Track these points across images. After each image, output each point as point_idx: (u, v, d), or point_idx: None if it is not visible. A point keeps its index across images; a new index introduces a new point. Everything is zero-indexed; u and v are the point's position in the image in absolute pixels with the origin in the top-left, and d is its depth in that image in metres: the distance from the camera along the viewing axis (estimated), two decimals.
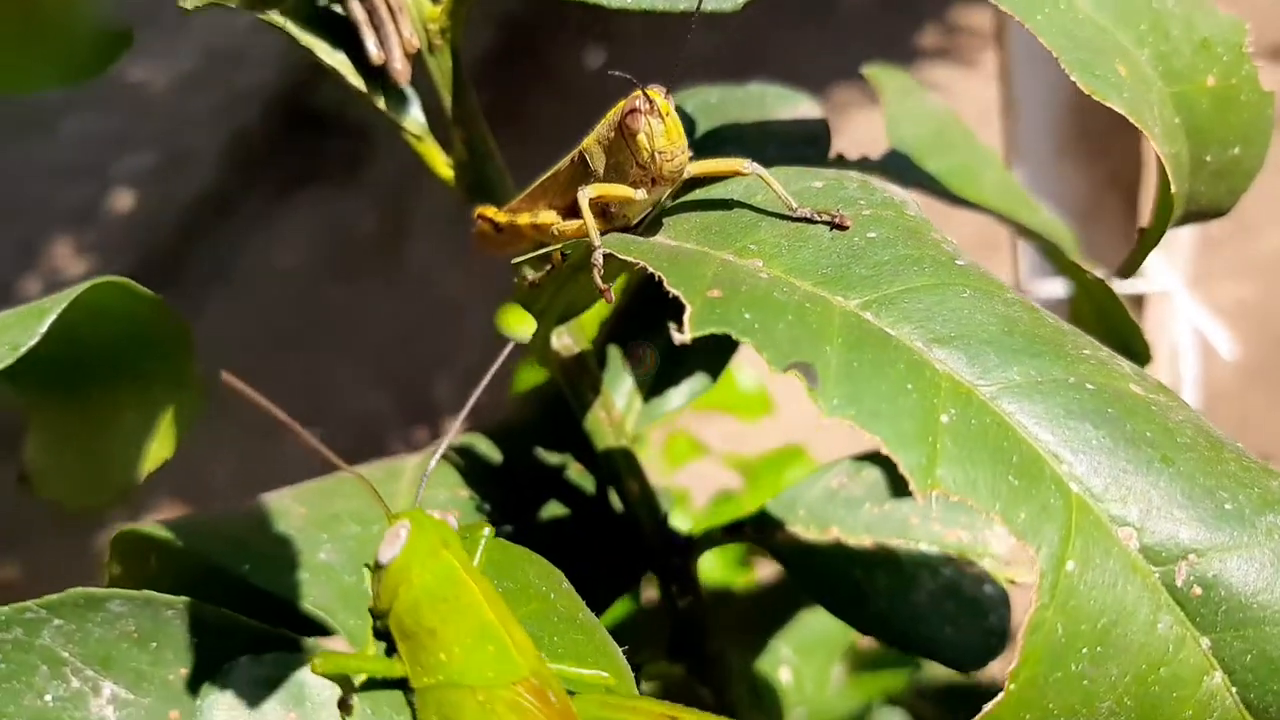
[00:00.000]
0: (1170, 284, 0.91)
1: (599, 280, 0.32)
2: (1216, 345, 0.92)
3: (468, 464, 0.54)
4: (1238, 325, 0.94)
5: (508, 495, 0.53)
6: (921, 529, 0.47)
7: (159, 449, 0.55)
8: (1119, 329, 0.47)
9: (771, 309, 0.30)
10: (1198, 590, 0.28)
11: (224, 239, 2.45)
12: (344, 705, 0.31)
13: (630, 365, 0.56)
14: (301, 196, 2.55)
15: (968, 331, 0.31)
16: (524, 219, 0.40)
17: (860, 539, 0.47)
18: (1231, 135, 0.39)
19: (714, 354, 0.53)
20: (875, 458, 0.49)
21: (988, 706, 0.27)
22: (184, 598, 0.42)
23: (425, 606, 0.30)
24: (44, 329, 0.42)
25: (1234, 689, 0.28)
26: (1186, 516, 0.28)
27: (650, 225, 0.37)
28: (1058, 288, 0.94)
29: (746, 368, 1.14)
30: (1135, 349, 0.47)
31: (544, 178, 0.40)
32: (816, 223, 0.34)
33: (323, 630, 0.43)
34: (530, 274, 0.41)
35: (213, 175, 2.57)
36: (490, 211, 0.42)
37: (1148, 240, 0.38)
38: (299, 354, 2.24)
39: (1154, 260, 0.83)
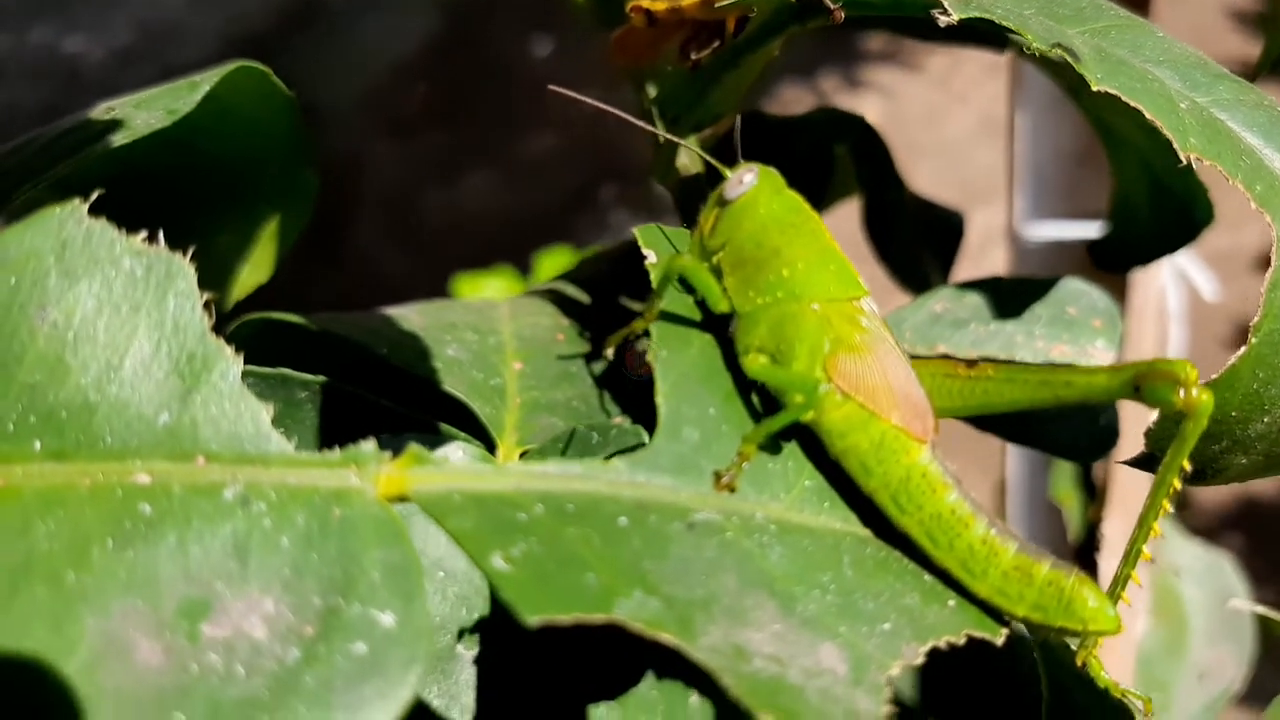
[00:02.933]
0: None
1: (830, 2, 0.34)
2: (1199, 286, 0.97)
3: (564, 301, 0.55)
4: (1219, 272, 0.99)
5: (600, 329, 0.54)
6: (1026, 346, 0.49)
7: (253, 273, 0.54)
8: None
9: (1015, 16, 0.32)
10: None
11: None
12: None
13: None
14: None
15: (1173, 59, 0.33)
16: None
17: (967, 354, 0.49)
18: None
19: (816, 192, 0.55)
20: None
21: (1232, 359, 0.29)
22: (320, 376, 0.42)
23: (773, 229, 0.32)
24: (198, 98, 0.42)
25: None
26: None
27: None
28: (1051, 230, 0.98)
29: None
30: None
31: None
32: None
33: (453, 418, 0.43)
34: (694, 55, 0.42)
35: None
36: (647, 1, 0.43)
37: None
38: None
39: None
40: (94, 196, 0.27)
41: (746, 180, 0.33)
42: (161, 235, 0.26)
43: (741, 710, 0.22)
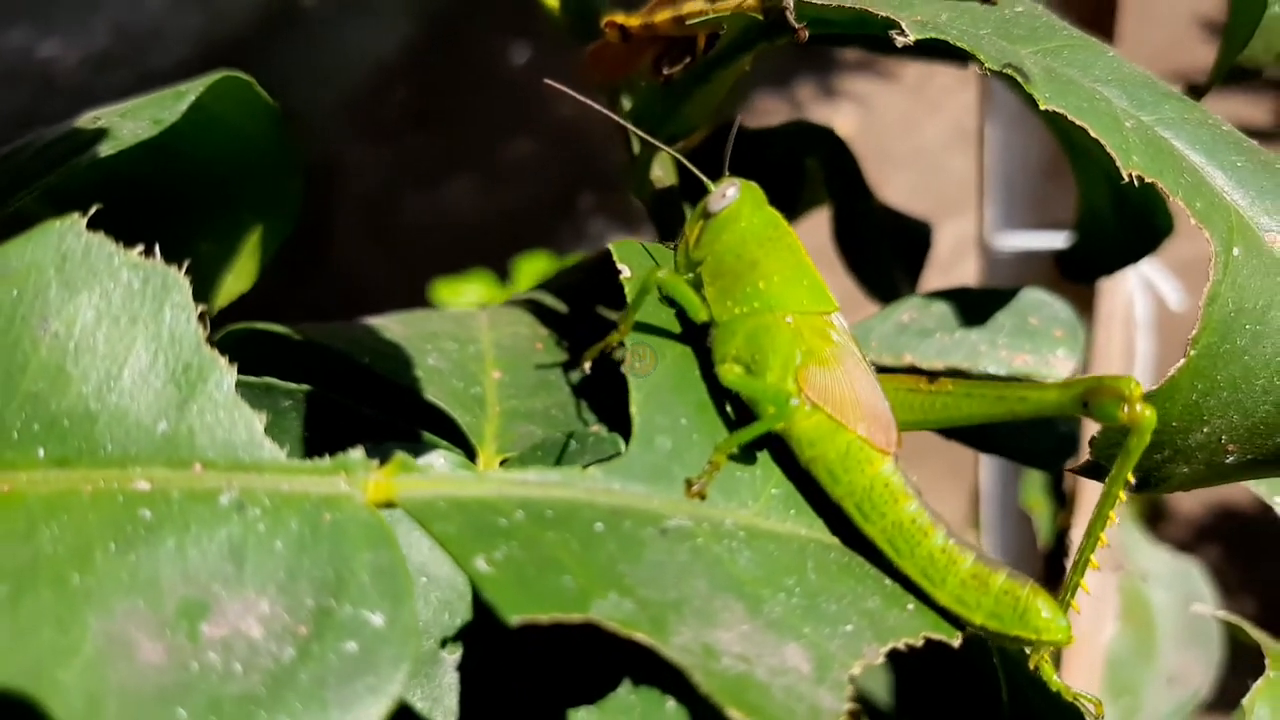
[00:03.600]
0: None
1: (793, 20, 0.35)
2: (1165, 296, 0.99)
3: (542, 311, 0.56)
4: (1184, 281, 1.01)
5: (578, 339, 0.55)
6: (990, 355, 0.50)
7: (235, 282, 0.55)
8: None
9: (970, 36, 0.33)
10: None
11: None
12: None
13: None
14: None
15: (1122, 78, 0.35)
16: (663, 15, 0.42)
17: (933, 363, 0.50)
18: None
19: (787, 203, 0.57)
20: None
21: (1171, 371, 0.31)
22: (304, 385, 0.43)
23: (751, 243, 0.33)
24: (183, 107, 0.43)
25: None
26: None
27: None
28: (1021, 240, 1.00)
29: None
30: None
31: None
32: (967, 0, 0.37)
33: (435, 426, 0.44)
34: (666, 70, 0.44)
35: None
36: (621, 17, 0.44)
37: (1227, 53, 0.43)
38: None
39: None
40: (92, 210, 0.28)
41: (729, 194, 0.34)
42: (158, 249, 0.27)
43: (713, 711, 0.24)
